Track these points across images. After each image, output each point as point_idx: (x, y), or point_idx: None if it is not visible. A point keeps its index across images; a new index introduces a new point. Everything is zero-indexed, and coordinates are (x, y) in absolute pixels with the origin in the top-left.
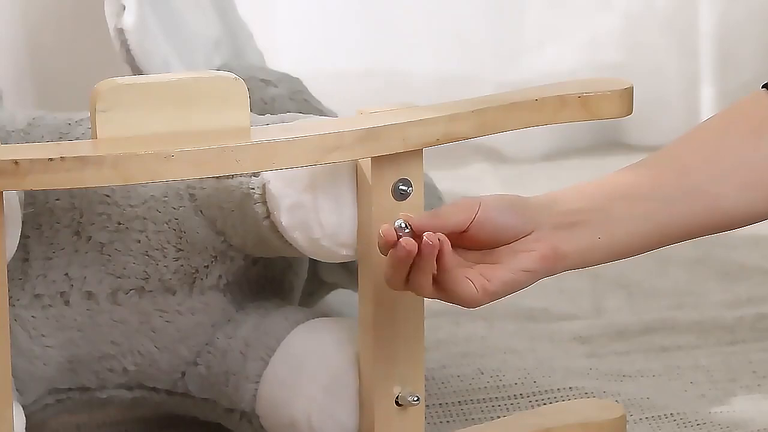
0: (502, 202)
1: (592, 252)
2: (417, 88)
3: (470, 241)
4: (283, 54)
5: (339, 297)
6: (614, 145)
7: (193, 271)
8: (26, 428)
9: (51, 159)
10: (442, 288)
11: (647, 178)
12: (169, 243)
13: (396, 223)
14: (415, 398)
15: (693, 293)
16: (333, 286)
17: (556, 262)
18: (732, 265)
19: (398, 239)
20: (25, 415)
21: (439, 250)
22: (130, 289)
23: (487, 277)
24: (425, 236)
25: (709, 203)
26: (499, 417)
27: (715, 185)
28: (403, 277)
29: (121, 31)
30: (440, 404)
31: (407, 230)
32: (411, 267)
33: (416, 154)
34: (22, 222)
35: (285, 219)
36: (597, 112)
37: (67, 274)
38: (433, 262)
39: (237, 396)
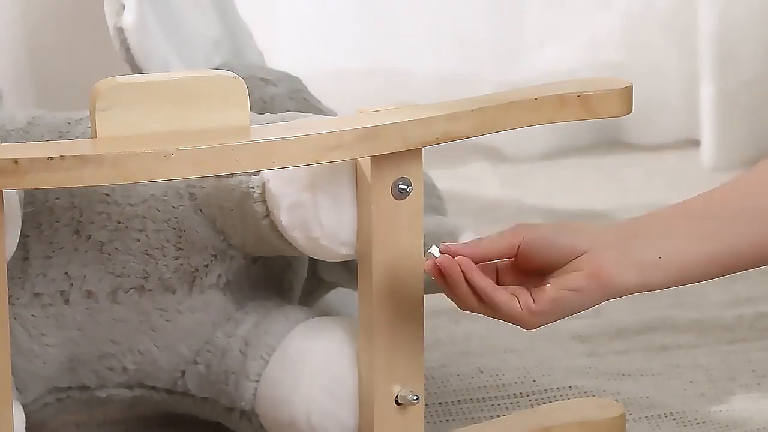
0: (555, 225)
1: (652, 271)
2: (417, 87)
3: (525, 266)
4: (282, 53)
5: (339, 296)
6: (614, 144)
7: (193, 270)
8: (26, 427)
9: (51, 158)
10: (487, 306)
11: (711, 200)
12: (168, 242)
13: (432, 250)
14: (415, 397)
15: (692, 292)
16: (332, 285)
17: (606, 281)
18: None
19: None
20: (25, 414)
21: (464, 272)
22: (130, 288)
23: (534, 297)
24: (441, 258)
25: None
26: (498, 416)
27: None
28: (457, 297)
29: (120, 30)
30: (440, 403)
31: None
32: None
33: (416, 153)
34: (22, 221)
35: (284, 218)
36: (596, 111)
37: (66, 273)
38: (458, 280)
39: (237, 395)
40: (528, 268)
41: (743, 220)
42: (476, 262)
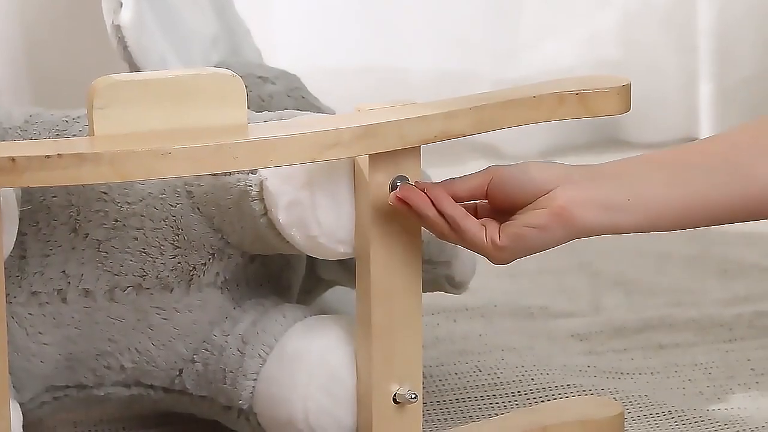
0: (524, 163)
1: (619, 212)
2: (415, 85)
3: (498, 205)
4: (280, 51)
5: (337, 294)
6: (612, 142)
7: (191, 268)
8: (23, 426)
9: (48, 156)
10: (457, 233)
11: (688, 151)
12: (166, 240)
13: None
14: (413, 396)
15: (691, 291)
16: (331, 284)
17: (569, 219)
18: (730, 263)
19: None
20: (22, 413)
21: (434, 200)
22: (128, 287)
23: (500, 231)
24: (401, 188)
25: (748, 173)
26: (497, 415)
27: (756, 159)
28: (427, 225)
29: (118, 28)
30: (438, 402)
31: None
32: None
33: (414, 151)
34: (19, 219)
35: (282, 216)
36: (595, 109)
37: (64, 272)
38: (424, 208)
39: (234, 393)
40: (501, 208)
41: (720, 173)
42: None
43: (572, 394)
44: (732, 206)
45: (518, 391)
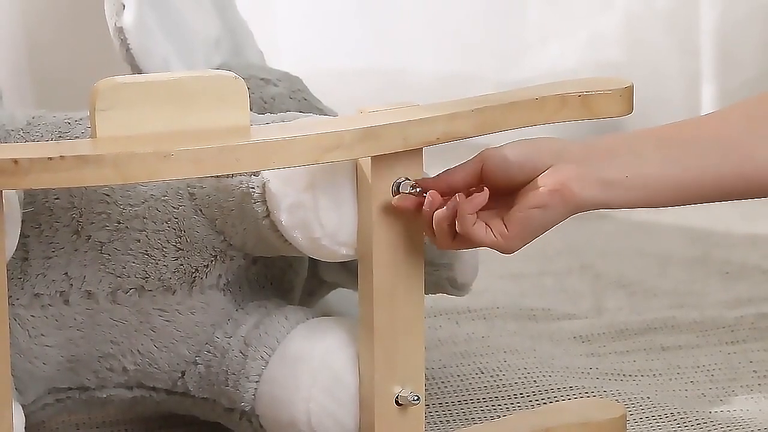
0: (516, 143)
1: (617, 188)
2: (417, 87)
3: (493, 185)
4: (283, 53)
5: (339, 296)
6: None
7: (193, 270)
8: (26, 428)
9: (50, 158)
10: (462, 238)
11: (682, 128)
12: (168, 242)
13: (406, 189)
14: (415, 398)
15: (693, 293)
16: (333, 286)
17: (569, 195)
18: (732, 265)
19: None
20: (25, 415)
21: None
22: (130, 289)
23: (505, 222)
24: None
25: (743, 153)
26: (499, 416)
27: (751, 139)
28: (440, 232)
29: (120, 30)
30: (440, 404)
31: (418, 191)
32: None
33: (416, 153)
34: (22, 221)
35: (285, 218)
36: (597, 111)
37: (66, 274)
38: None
39: (237, 395)
40: (497, 188)
41: (712, 152)
42: (446, 194)
43: (574, 396)
44: (726, 184)
45: (520, 393)
